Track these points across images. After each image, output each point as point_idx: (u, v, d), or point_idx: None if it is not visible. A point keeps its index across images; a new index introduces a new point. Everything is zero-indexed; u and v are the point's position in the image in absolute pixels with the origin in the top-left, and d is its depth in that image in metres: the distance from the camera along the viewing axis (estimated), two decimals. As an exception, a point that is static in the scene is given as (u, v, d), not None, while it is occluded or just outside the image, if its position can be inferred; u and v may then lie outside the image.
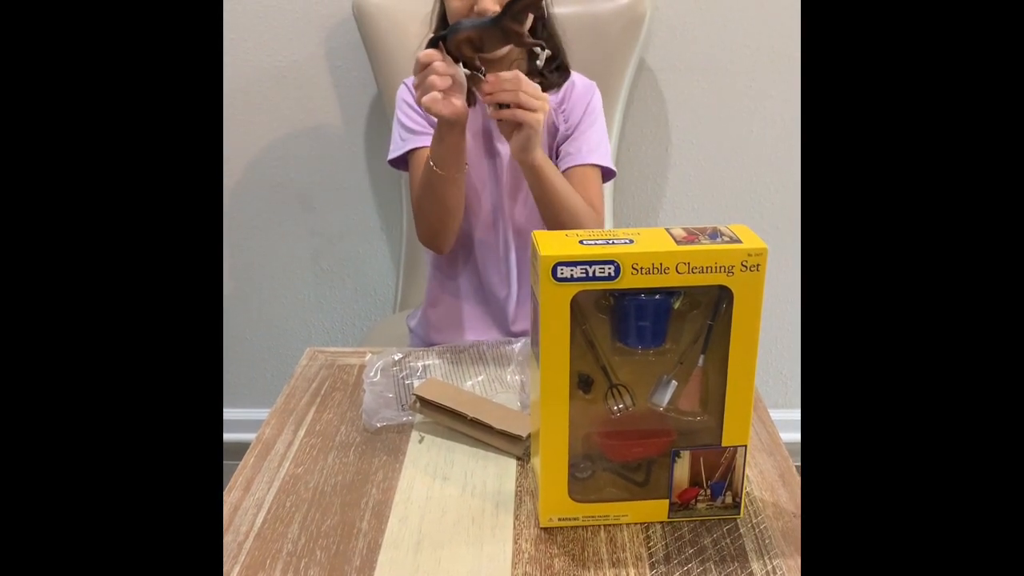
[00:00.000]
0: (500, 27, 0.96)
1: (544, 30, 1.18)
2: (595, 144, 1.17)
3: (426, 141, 1.17)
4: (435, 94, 0.96)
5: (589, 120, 1.18)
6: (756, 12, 1.57)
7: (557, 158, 1.18)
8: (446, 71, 0.97)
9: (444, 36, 0.98)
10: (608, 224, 1.56)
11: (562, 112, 1.18)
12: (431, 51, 0.97)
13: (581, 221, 1.10)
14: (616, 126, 1.53)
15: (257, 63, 1.61)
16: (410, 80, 1.16)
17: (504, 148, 1.18)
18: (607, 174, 1.19)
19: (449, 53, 0.98)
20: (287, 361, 1.82)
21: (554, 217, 1.10)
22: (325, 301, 1.80)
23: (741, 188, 1.69)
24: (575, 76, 1.21)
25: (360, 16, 1.49)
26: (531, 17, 0.98)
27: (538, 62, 1.01)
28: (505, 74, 0.96)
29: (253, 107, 1.64)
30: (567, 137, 1.18)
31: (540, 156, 1.04)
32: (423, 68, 0.97)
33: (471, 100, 1.19)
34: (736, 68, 1.60)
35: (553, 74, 1.18)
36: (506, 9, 0.96)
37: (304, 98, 1.64)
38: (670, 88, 1.62)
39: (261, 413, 0.98)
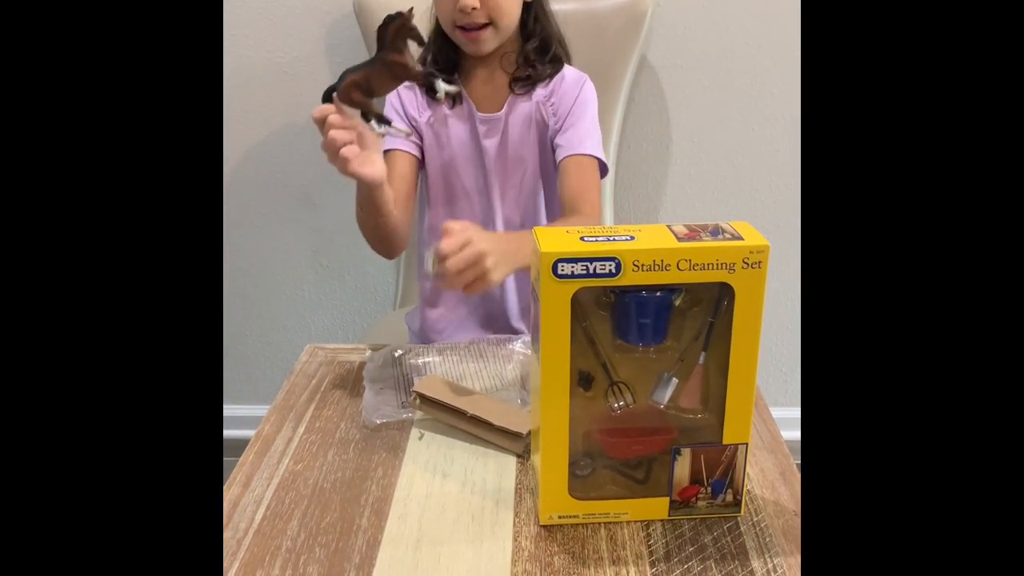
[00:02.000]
0: (382, 63, 0.92)
1: (537, 23, 1.17)
2: (585, 134, 1.15)
3: (401, 144, 1.16)
4: (346, 155, 0.90)
5: (579, 111, 1.16)
6: (758, 9, 1.56)
7: (552, 152, 1.17)
8: (343, 124, 0.90)
9: (333, 88, 0.92)
10: (608, 222, 1.56)
11: (550, 105, 1.17)
12: (325, 106, 0.91)
13: None
14: (617, 124, 1.52)
15: (258, 59, 1.61)
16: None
17: (490, 144, 1.17)
18: (601, 169, 1.16)
19: (344, 101, 0.92)
20: (287, 357, 1.82)
21: None
22: (325, 298, 1.79)
23: (742, 186, 1.68)
24: (566, 69, 1.19)
25: (361, 12, 1.48)
26: (410, 43, 0.92)
27: (438, 96, 0.96)
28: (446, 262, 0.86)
29: (254, 103, 1.63)
30: (558, 131, 1.17)
31: (503, 275, 0.91)
32: (320, 125, 0.91)
33: (457, 98, 1.18)
34: (738, 65, 1.60)
35: (545, 66, 1.17)
36: (380, 43, 0.91)
37: (305, 94, 1.63)
38: (671, 85, 1.62)
39: (260, 410, 0.98)
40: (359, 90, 0.93)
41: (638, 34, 1.48)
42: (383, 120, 0.96)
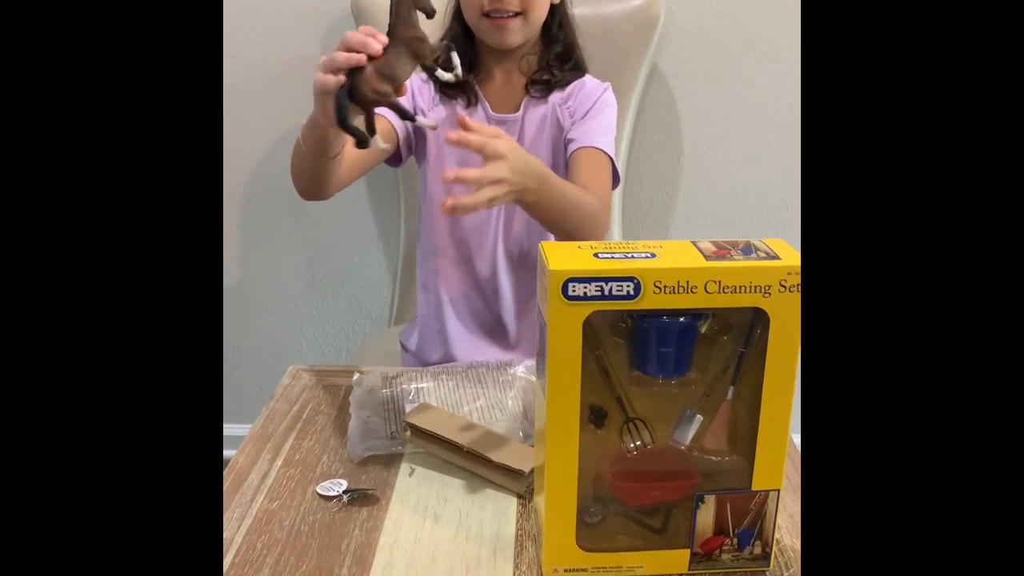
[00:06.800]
0: (400, 41, 0.83)
1: (561, 29, 1.14)
2: (599, 130, 1.10)
3: (388, 113, 1.06)
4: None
5: (596, 110, 1.12)
6: (772, 17, 1.53)
7: (565, 148, 1.12)
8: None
9: (350, 89, 0.82)
10: (616, 236, 1.51)
11: (567, 108, 1.13)
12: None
13: (591, 230, 0.99)
14: (627, 133, 1.50)
15: (251, 61, 1.58)
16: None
17: None
18: (613, 175, 1.11)
19: (363, 104, 0.83)
20: (276, 374, 1.75)
21: (560, 231, 1.01)
22: (318, 312, 1.76)
23: (756, 198, 1.65)
24: (588, 77, 1.16)
25: (358, 13, 1.45)
26: (420, 14, 0.84)
27: (453, 70, 0.88)
28: (471, 138, 0.84)
29: (246, 107, 1.59)
30: (572, 128, 1.13)
31: (533, 193, 0.91)
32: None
33: (473, 100, 1.11)
34: (751, 74, 1.57)
35: (565, 72, 1.14)
36: (393, 18, 0.84)
37: (299, 99, 1.55)
38: (683, 94, 1.59)
39: (248, 430, 0.90)
40: (384, 80, 0.82)
41: (649, 41, 1.46)
42: (407, 115, 0.88)
